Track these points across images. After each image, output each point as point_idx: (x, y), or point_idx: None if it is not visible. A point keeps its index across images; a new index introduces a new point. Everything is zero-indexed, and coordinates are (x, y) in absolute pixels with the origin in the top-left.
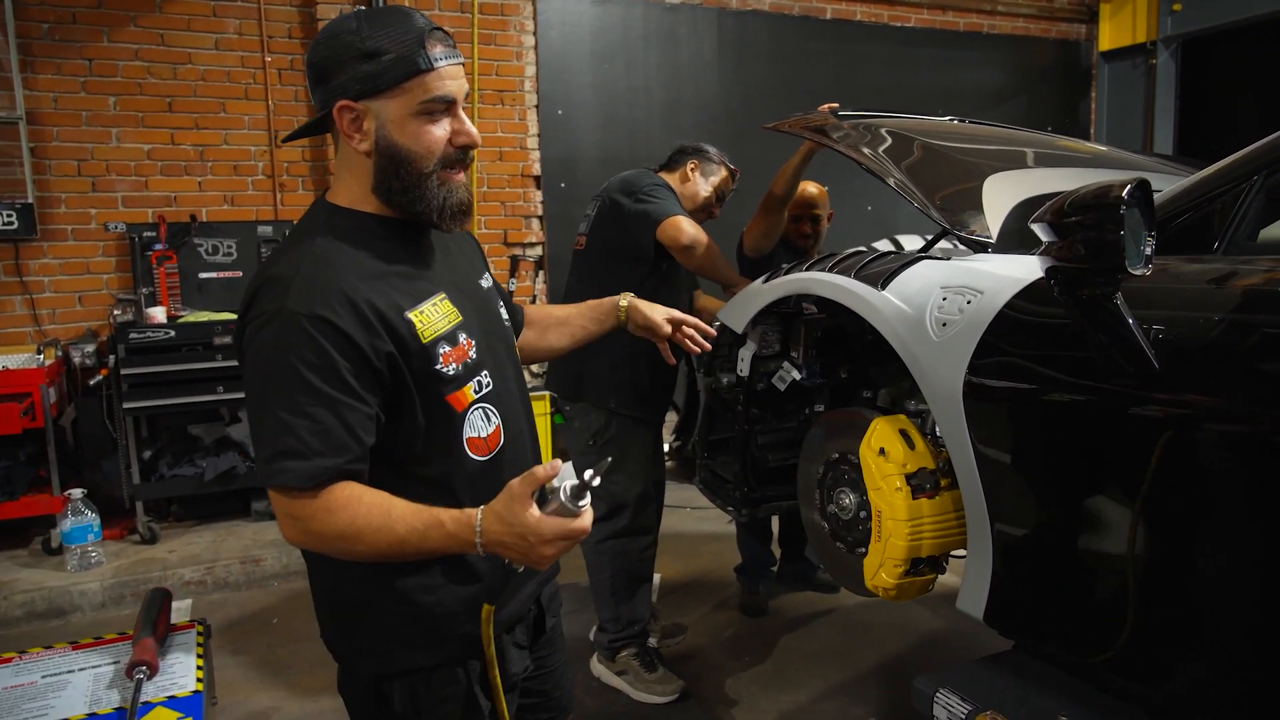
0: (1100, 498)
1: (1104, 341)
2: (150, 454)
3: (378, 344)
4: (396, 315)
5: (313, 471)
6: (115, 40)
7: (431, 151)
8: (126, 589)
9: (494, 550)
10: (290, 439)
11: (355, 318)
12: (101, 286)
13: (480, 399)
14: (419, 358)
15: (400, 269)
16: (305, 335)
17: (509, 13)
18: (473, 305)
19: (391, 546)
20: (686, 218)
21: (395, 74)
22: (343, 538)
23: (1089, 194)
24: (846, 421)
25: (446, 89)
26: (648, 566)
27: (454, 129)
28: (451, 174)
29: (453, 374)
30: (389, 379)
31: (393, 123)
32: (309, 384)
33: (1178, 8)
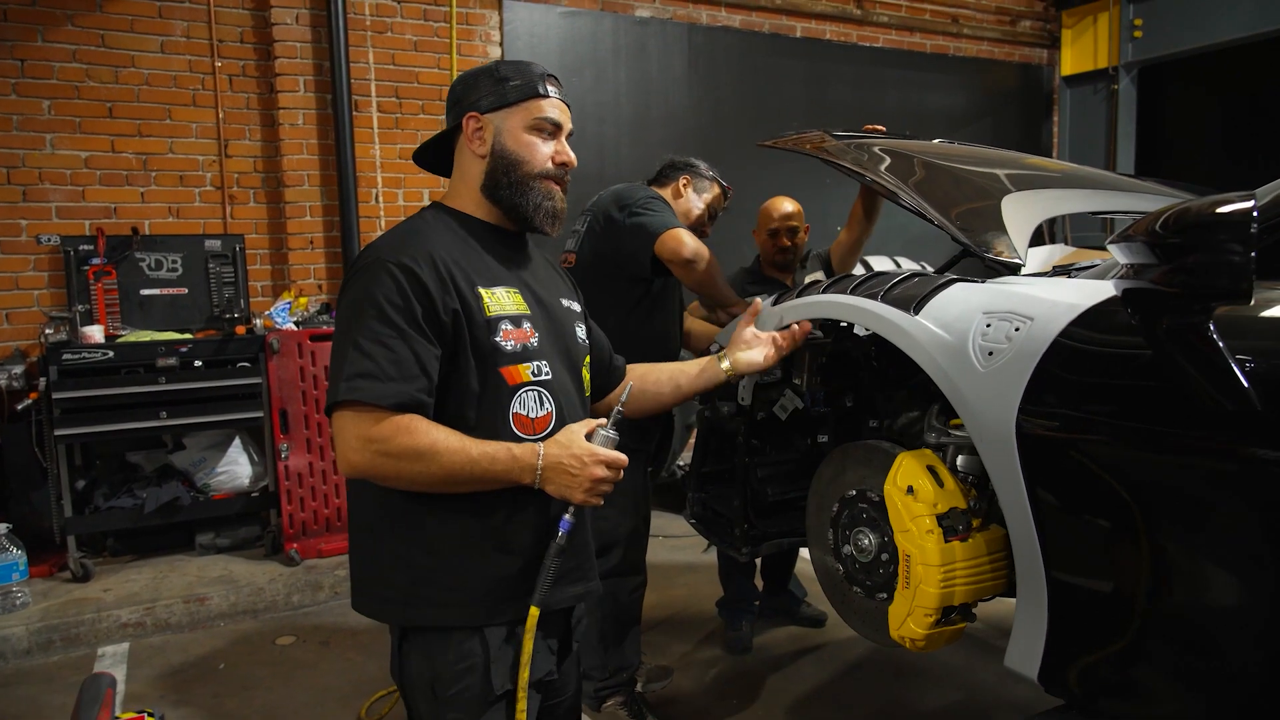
0: (1182, 548)
1: (1194, 376)
2: (84, 484)
3: (447, 300)
4: (468, 286)
5: (389, 392)
6: (51, 40)
7: (537, 160)
8: (56, 633)
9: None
10: (369, 363)
11: (434, 273)
12: (32, 303)
13: (537, 382)
14: (481, 327)
15: (483, 257)
16: (391, 278)
17: (474, 22)
18: (545, 311)
19: (463, 467)
20: (687, 231)
21: (518, 94)
22: (420, 455)
23: (1204, 212)
24: (864, 454)
25: (555, 115)
26: (637, 608)
27: (557, 149)
28: (551, 184)
29: (510, 349)
30: (451, 334)
31: (508, 133)
32: (389, 319)
33: (1138, 35)
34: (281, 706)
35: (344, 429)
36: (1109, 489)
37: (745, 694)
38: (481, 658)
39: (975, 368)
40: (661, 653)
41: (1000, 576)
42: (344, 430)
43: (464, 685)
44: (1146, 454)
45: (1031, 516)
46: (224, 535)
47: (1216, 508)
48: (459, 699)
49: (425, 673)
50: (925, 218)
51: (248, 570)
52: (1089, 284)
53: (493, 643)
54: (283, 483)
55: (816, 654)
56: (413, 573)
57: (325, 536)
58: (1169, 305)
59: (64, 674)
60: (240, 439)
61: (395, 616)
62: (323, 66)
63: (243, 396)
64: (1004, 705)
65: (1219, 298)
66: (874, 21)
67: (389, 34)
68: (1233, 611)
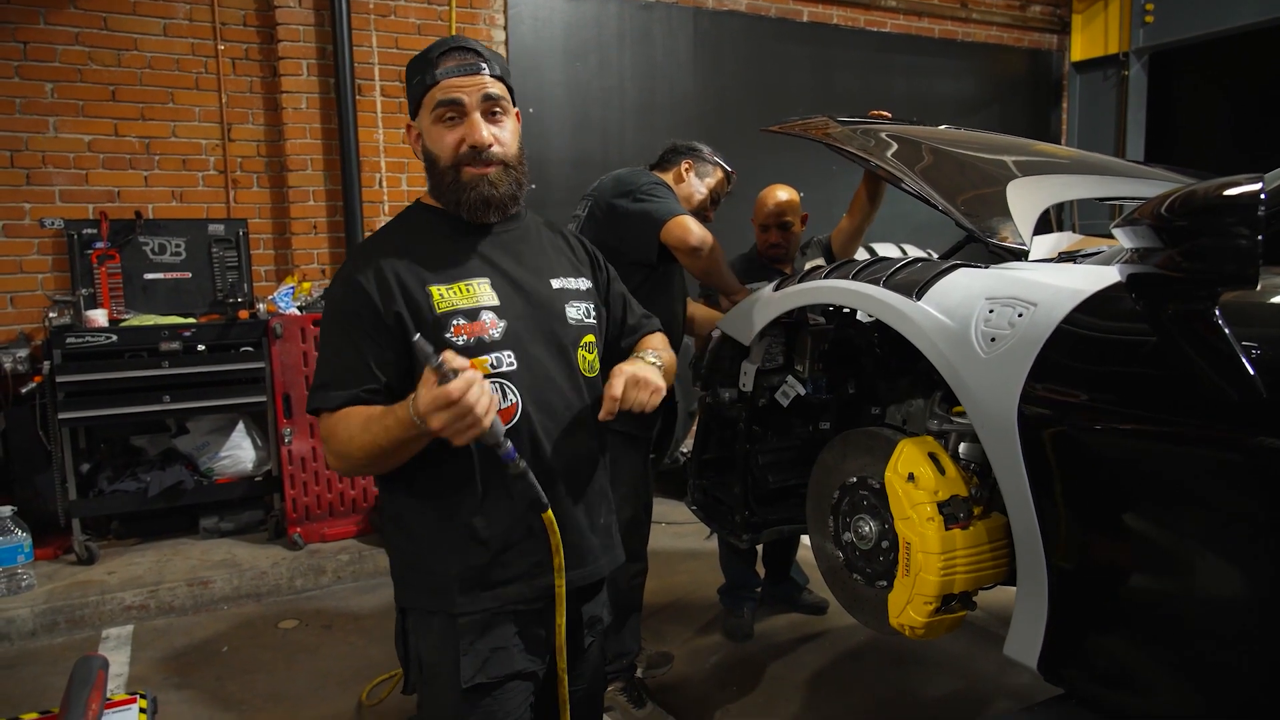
0: (1185, 538)
1: (1199, 362)
2: (88, 467)
3: (389, 304)
4: (418, 286)
5: (334, 397)
6: (52, 23)
7: (444, 154)
8: (60, 615)
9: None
10: (327, 373)
11: (377, 282)
12: (36, 287)
13: (496, 374)
14: (429, 325)
15: (446, 253)
16: (340, 291)
17: (479, 5)
18: (523, 297)
19: (374, 439)
20: (693, 218)
21: (419, 91)
22: (346, 445)
23: (1211, 194)
24: (866, 441)
25: (450, 95)
26: (637, 595)
27: (463, 133)
28: (473, 170)
29: (462, 344)
30: (398, 334)
31: (426, 133)
32: (341, 329)
33: (1150, 20)
34: (284, 689)
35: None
36: (1112, 477)
37: (746, 681)
38: (454, 645)
39: (978, 354)
40: (662, 639)
41: (1001, 565)
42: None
43: (443, 668)
44: (1150, 442)
45: (1033, 504)
46: (227, 519)
47: (1220, 497)
48: (438, 680)
49: (416, 647)
50: (929, 203)
51: (251, 554)
52: (1094, 270)
53: (464, 636)
54: (286, 467)
55: (818, 641)
56: (402, 557)
57: (328, 521)
58: (1174, 290)
59: (68, 655)
60: (244, 423)
61: (396, 596)
62: (326, 50)
63: (246, 381)
64: (1004, 694)
65: (1225, 282)
66: (881, 6)
67: (392, 18)
68: (1234, 602)
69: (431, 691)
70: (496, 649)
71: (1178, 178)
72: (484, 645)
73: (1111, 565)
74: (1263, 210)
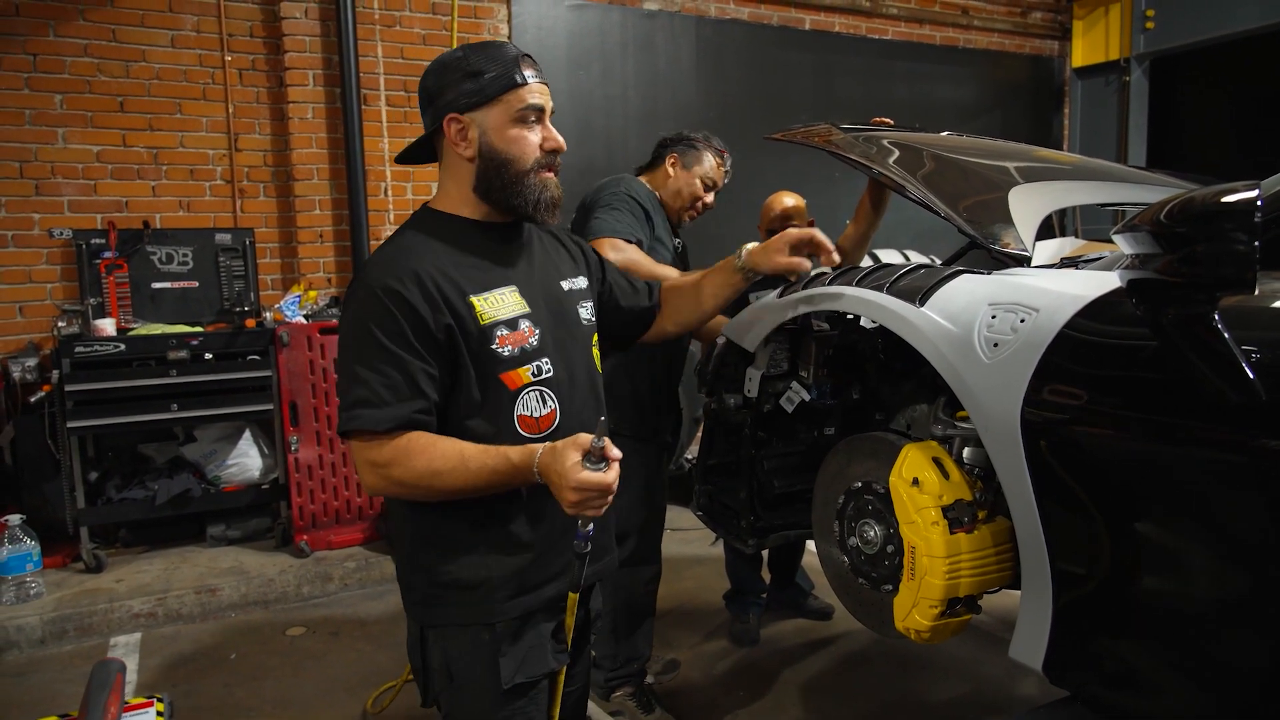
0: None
1: (1199, 366)
2: (97, 476)
3: (438, 317)
4: (459, 298)
5: (385, 418)
6: (62, 35)
7: (527, 154)
8: (69, 623)
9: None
10: (364, 390)
11: (420, 292)
12: (45, 296)
13: (538, 382)
14: (476, 337)
15: (475, 262)
16: (379, 303)
17: (483, 15)
18: (545, 301)
19: (465, 481)
20: (622, 238)
21: (496, 88)
22: (423, 477)
23: (1208, 201)
24: (870, 446)
25: (537, 100)
26: (651, 600)
27: (544, 135)
28: (545, 174)
29: (508, 355)
30: (447, 349)
31: (494, 131)
32: (381, 344)
33: (1150, 25)
34: (291, 696)
35: (355, 454)
36: (1114, 481)
37: (752, 686)
38: (490, 651)
39: (980, 359)
40: (669, 644)
41: (1006, 568)
42: (356, 456)
43: (476, 675)
44: (1152, 445)
45: (1036, 508)
46: (235, 527)
47: (1222, 499)
48: (471, 687)
49: (442, 659)
50: (932, 210)
51: (258, 562)
52: (1095, 275)
53: (502, 637)
54: (293, 475)
55: (824, 647)
56: (430, 575)
57: (335, 528)
58: (1174, 295)
59: (77, 663)
60: (250, 431)
61: (419, 617)
62: (332, 61)
63: (253, 389)
64: (1012, 698)
65: (1224, 287)
66: (883, 14)
67: (397, 28)
68: (1238, 603)
69: (464, 699)
70: (532, 648)
71: (1179, 183)
72: (520, 646)
73: (1115, 568)
74: (1259, 216)
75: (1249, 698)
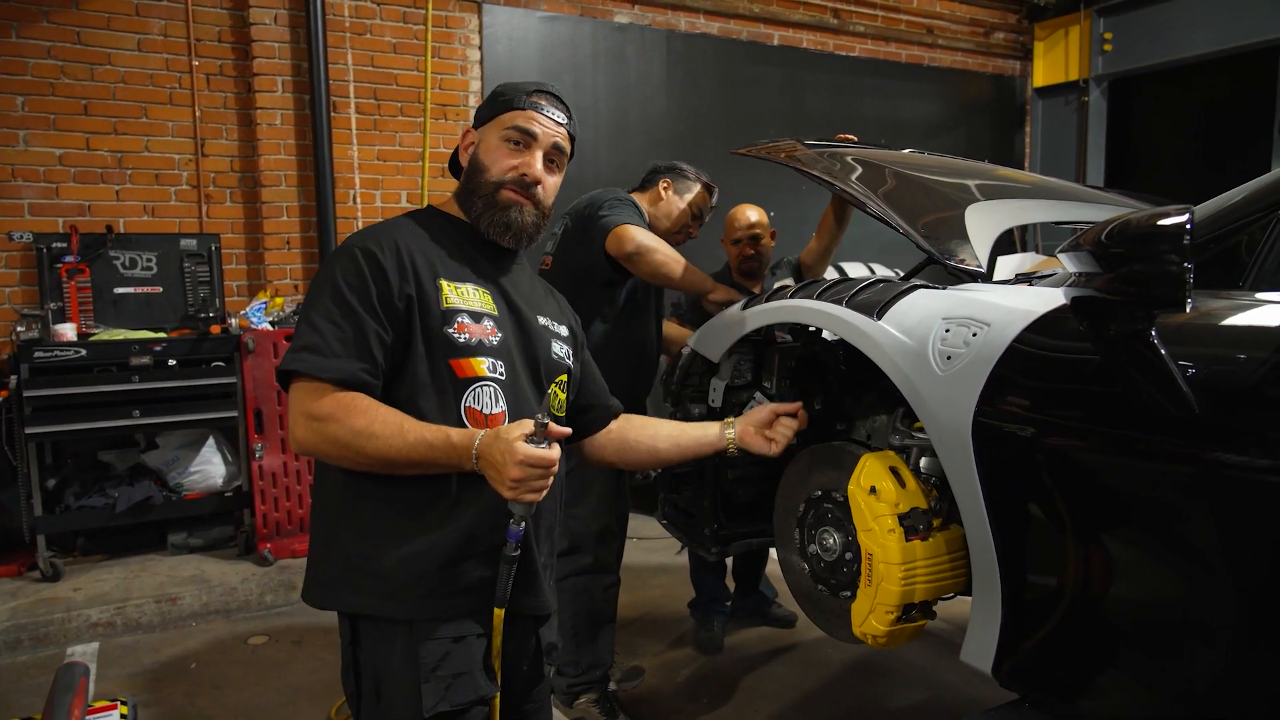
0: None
1: (1138, 381)
2: (55, 483)
3: (404, 286)
4: (430, 277)
5: (331, 368)
6: (25, 36)
7: (496, 168)
8: (24, 632)
9: (483, 466)
10: (316, 338)
11: (395, 260)
12: (3, 301)
13: (492, 379)
14: (435, 317)
15: (458, 257)
16: (352, 259)
17: (454, 25)
18: (516, 318)
19: (399, 450)
20: (638, 227)
21: (500, 107)
22: (358, 436)
23: (1144, 224)
24: (830, 456)
25: (529, 125)
26: (611, 606)
27: (523, 161)
28: (510, 193)
29: (463, 341)
30: (404, 319)
31: (484, 143)
32: (344, 299)
33: (1108, 48)
34: (253, 705)
35: (293, 403)
36: (1061, 490)
37: (717, 693)
38: (413, 674)
39: (934, 372)
40: (634, 652)
41: (960, 575)
42: (293, 404)
43: (398, 696)
44: (1096, 456)
45: (986, 515)
46: (196, 535)
47: (1162, 507)
48: (394, 710)
49: (370, 664)
50: (891, 225)
51: (220, 570)
52: (1045, 291)
53: (427, 659)
54: (256, 482)
55: (787, 654)
56: (344, 556)
57: (299, 536)
58: (1114, 313)
59: (32, 674)
60: (214, 438)
61: (322, 599)
62: (301, 67)
63: (217, 396)
64: (970, 704)
65: (1159, 305)
66: (850, 31)
67: (368, 35)
68: (1178, 606)
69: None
70: (459, 674)
71: (1131, 203)
72: (446, 671)
73: (1062, 574)
74: (1188, 240)
75: (1192, 699)
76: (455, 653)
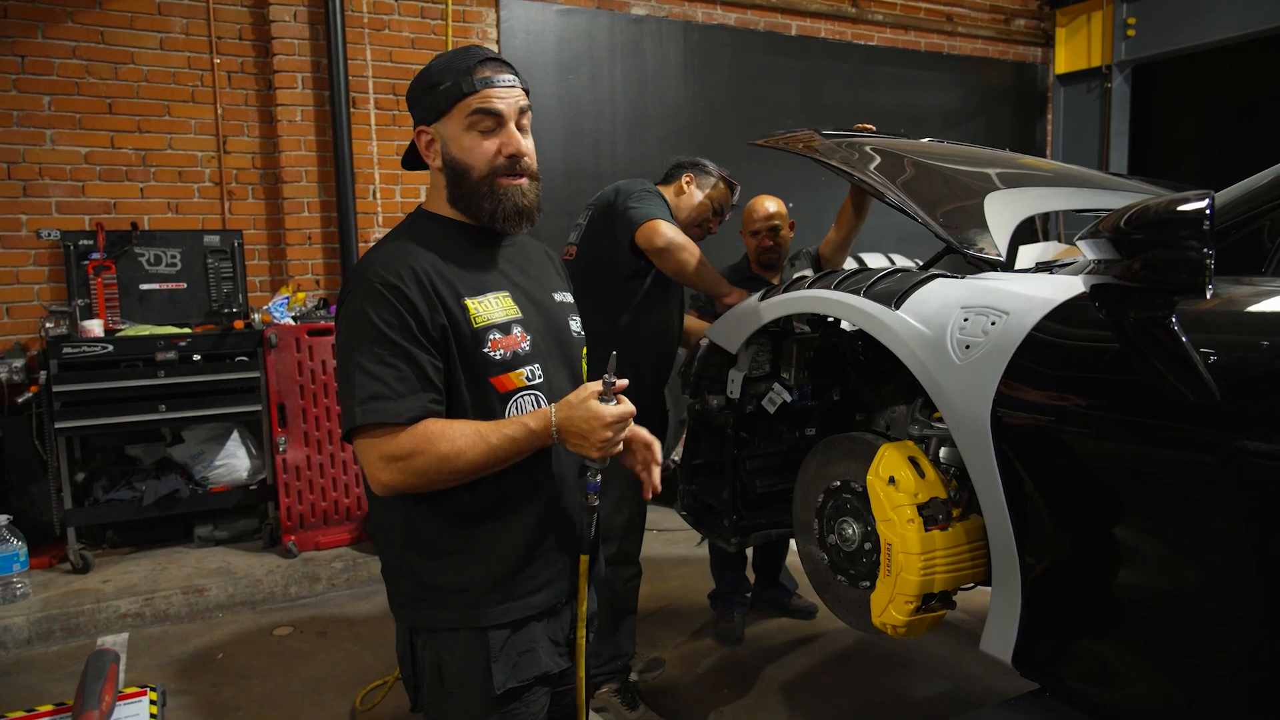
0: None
1: (1159, 368)
2: (84, 476)
3: (435, 315)
4: (454, 299)
5: (403, 409)
6: (50, 36)
7: (481, 162)
8: (56, 623)
9: (565, 437)
10: (378, 385)
11: (419, 289)
12: (32, 298)
13: (531, 387)
14: (469, 339)
15: (468, 264)
16: (381, 298)
17: (471, 20)
18: (537, 309)
19: (486, 456)
20: (668, 223)
21: (448, 99)
22: (446, 459)
23: (1163, 209)
24: (849, 446)
25: (491, 104)
26: (633, 598)
27: (502, 142)
28: (507, 181)
29: (499, 359)
30: (442, 347)
31: (451, 140)
32: (388, 339)
33: (1131, 34)
34: (279, 695)
35: (366, 452)
36: (1080, 478)
37: (737, 684)
38: (483, 656)
39: (953, 361)
40: (654, 643)
41: (979, 564)
42: (367, 453)
43: (467, 679)
44: (1115, 444)
45: (1006, 505)
46: (222, 528)
47: (1184, 496)
48: (462, 692)
49: (433, 662)
50: (910, 215)
51: (246, 562)
52: (1064, 279)
53: (494, 643)
54: (280, 476)
55: (807, 645)
56: (416, 578)
57: (322, 529)
58: (1134, 300)
59: (64, 663)
60: (238, 432)
61: (407, 620)
62: (320, 64)
63: (241, 390)
64: (991, 694)
65: (1178, 291)
66: (869, 20)
67: (386, 31)
68: (1199, 595)
69: (456, 703)
70: (524, 652)
71: (1154, 190)
72: (512, 650)
73: (1081, 563)
74: (1209, 225)
75: (1213, 688)
76: (520, 633)
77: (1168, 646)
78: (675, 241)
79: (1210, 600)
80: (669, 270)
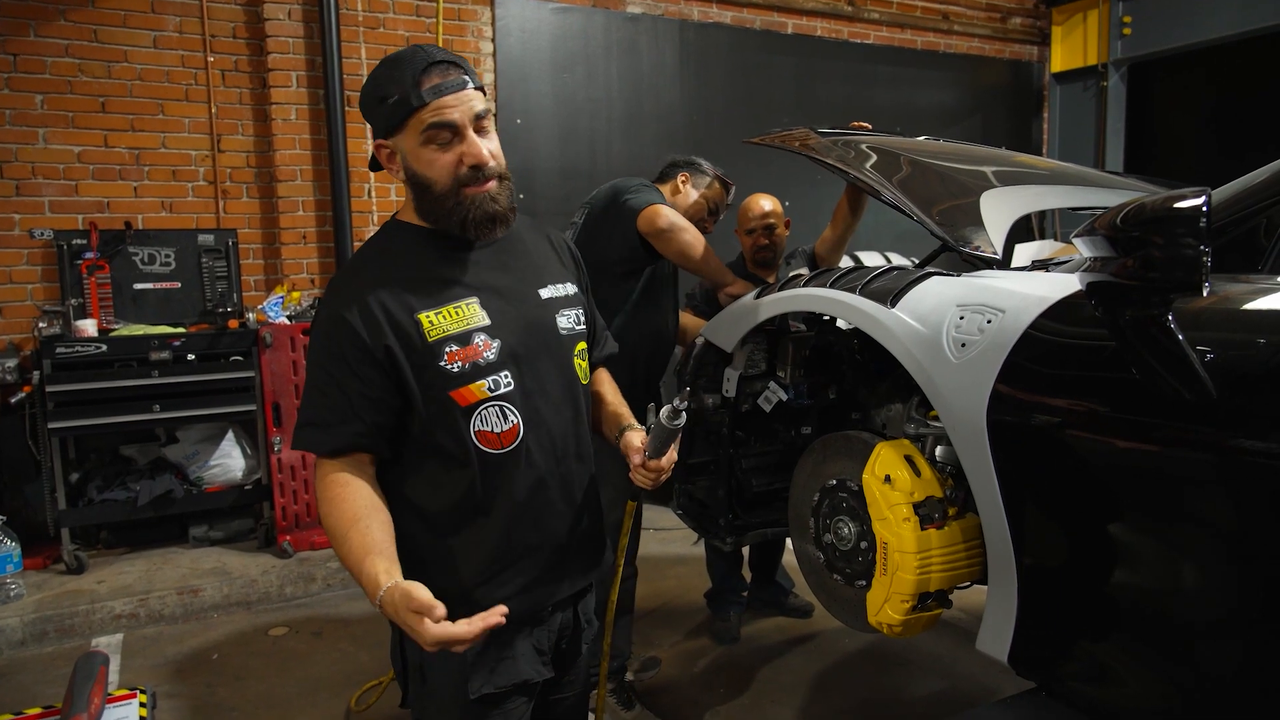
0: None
1: (1155, 366)
2: (78, 477)
3: (377, 339)
4: (406, 315)
5: (325, 439)
6: (43, 35)
7: (443, 176)
8: (50, 624)
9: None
10: (311, 411)
11: (364, 317)
12: (25, 297)
13: (495, 398)
14: (421, 353)
15: (430, 276)
16: (324, 330)
17: (466, 18)
18: (515, 310)
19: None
20: (669, 207)
21: (399, 115)
22: (324, 518)
23: (1159, 206)
24: (844, 445)
25: (444, 117)
26: (629, 598)
27: (462, 152)
28: (474, 190)
29: (457, 371)
30: (390, 369)
31: (410, 155)
32: (324, 367)
33: (1127, 32)
34: (274, 696)
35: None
36: (1076, 477)
37: (733, 683)
38: (459, 661)
39: (949, 359)
40: (650, 642)
41: (975, 563)
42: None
43: (446, 680)
44: (1111, 442)
45: (1002, 504)
46: (217, 528)
47: (1179, 494)
48: (440, 693)
49: (416, 661)
50: (905, 213)
51: (241, 562)
52: (1060, 277)
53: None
54: (275, 476)
55: (804, 644)
56: None
57: (318, 529)
58: (1130, 297)
59: (58, 664)
60: (233, 432)
61: None
62: (315, 62)
63: (235, 390)
64: (987, 693)
65: (1175, 289)
66: (865, 18)
67: (381, 30)
68: (1195, 595)
69: (434, 705)
70: (502, 659)
71: (1150, 187)
72: (490, 655)
73: (1078, 562)
74: (1205, 222)
75: (1209, 688)
76: (497, 636)
77: (1164, 645)
78: (678, 224)
79: (1206, 599)
80: (672, 253)
